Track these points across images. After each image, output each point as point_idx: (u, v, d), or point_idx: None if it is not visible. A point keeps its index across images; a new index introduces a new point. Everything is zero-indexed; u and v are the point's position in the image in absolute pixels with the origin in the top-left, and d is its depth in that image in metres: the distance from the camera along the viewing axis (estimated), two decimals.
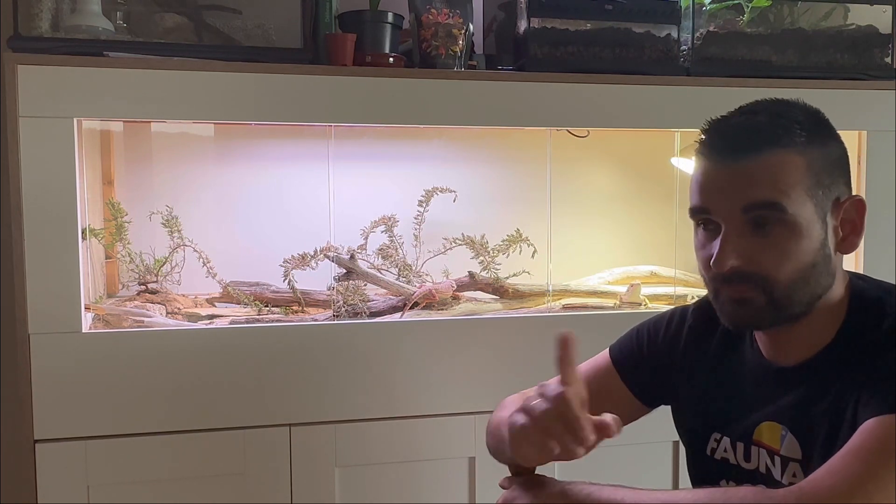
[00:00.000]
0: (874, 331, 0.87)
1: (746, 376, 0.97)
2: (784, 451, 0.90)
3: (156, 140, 1.73)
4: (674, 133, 1.66)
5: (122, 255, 1.57)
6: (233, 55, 1.40)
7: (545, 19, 1.51)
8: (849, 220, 0.91)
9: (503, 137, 1.81)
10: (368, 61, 1.47)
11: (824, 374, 0.89)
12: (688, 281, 1.76)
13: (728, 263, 0.86)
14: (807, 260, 0.86)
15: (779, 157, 0.86)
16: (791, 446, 0.90)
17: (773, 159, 0.86)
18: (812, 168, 0.87)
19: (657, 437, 1.56)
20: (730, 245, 0.87)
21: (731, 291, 0.88)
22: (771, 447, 0.92)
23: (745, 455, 0.95)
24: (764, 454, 0.93)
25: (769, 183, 0.85)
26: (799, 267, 0.86)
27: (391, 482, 1.48)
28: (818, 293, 0.89)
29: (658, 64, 1.55)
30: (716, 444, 0.99)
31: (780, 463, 0.91)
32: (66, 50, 1.32)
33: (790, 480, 0.89)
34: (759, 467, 0.94)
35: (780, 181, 0.85)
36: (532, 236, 1.65)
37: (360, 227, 1.63)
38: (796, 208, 0.85)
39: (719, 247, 0.87)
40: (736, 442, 0.96)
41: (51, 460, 1.34)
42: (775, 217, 0.85)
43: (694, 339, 1.05)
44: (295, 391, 1.42)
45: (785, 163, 0.86)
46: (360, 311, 1.56)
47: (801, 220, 0.86)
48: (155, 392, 1.37)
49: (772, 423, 0.92)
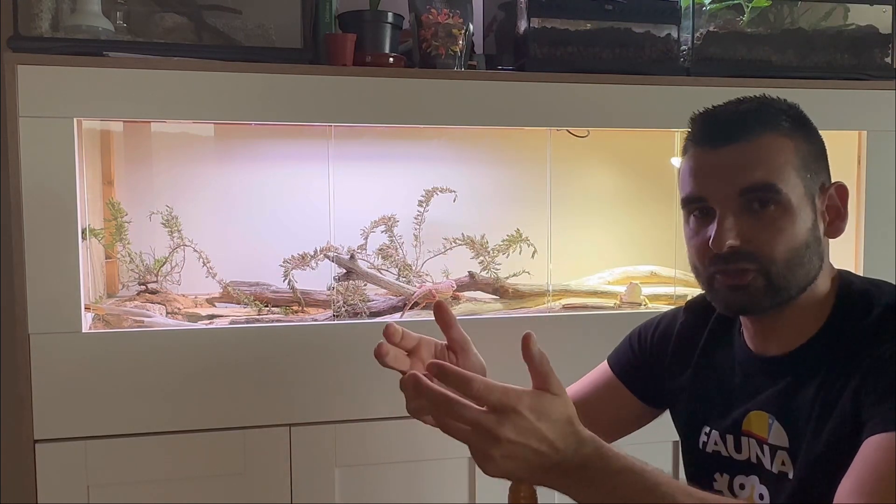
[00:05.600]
0: (862, 320, 0.88)
1: (735, 369, 0.99)
2: (771, 440, 0.91)
3: (156, 140, 1.72)
4: (674, 133, 1.66)
5: (122, 255, 1.57)
6: (233, 55, 1.40)
7: (545, 19, 1.51)
8: (833, 205, 0.93)
9: (503, 137, 1.81)
10: (368, 61, 1.47)
11: (811, 363, 0.90)
12: (688, 281, 1.76)
13: (726, 243, 0.88)
14: (801, 239, 0.88)
15: (770, 138, 0.89)
16: (778, 434, 0.90)
17: (765, 141, 0.89)
18: (800, 151, 0.90)
19: (657, 437, 1.56)
20: (727, 225, 0.88)
21: (728, 275, 0.89)
22: (759, 436, 0.93)
23: (736, 446, 0.96)
24: (754, 444, 0.94)
25: (764, 164, 0.88)
26: (794, 246, 0.88)
27: (391, 482, 1.48)
28: (811, 275, 0.90)
29: (658, 64, 1.55)
30: (706, 438, 0.99)
31: (769, 451, 0.91)
32: (66, 50, 1.32)
33: (779, 469, 0.90)
34: (751, 457, 0.94)
35: (774, 162, 0.88)
36: (532, 236, 1.65)
37: (360, 227, 1.63)
38: (789, 189, 0.88)
39: (716, 228, 0.89)
40: (726, 434, 0.97)
41: (51, 460, 1.34)
42: (770, 198, 0.87)
43: (686, 336, 1.06)
44: (295, 391, 1.42)
45: (776, 144, 0.89)
46: (360, 311, 1.56)
47: (794, 200, 0.88)
48: (155, 392, 1.37)
49: (759, 412, 0.93)
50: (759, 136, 0.89)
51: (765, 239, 0.88)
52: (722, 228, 0.88)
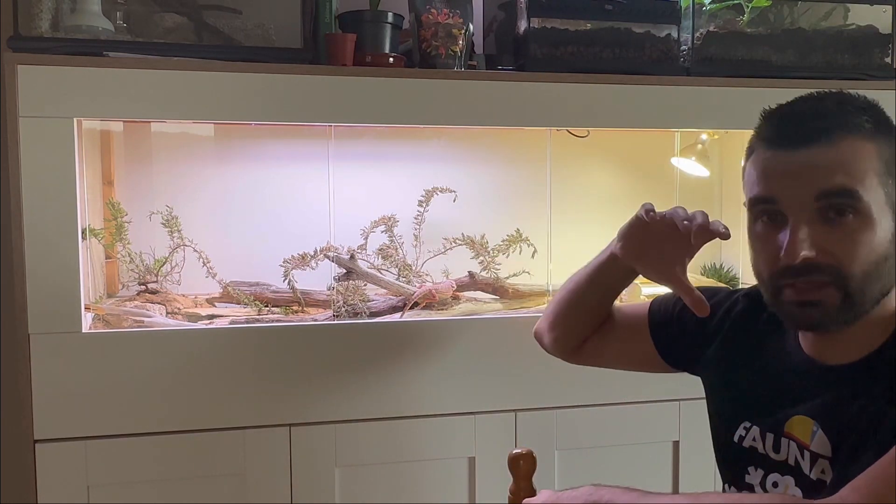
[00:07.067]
0: None
1: (786, 370, 0.95)
2: (814, 447, 0.88)
3: (156, 140, 1.73)
4: (674, 133, 1.66)
5: (122, 255, 1.57)
6: (233, 55, 1.40)
7: (545, 19, 1.51)
8: None
9: (503, 137, 1.81)
10: (368, 61, 1.47)
11: (867, 377, 0.86)
12: None
13: (801, 254, 0.81)
14: (880, 252, 0.83)
15: (850, 142, 0.83)
16: (821, 443, 0.87)
17: (845, 144, 0.82)
18: (882, 156, 0.84)
19: (657, 437, 1.57)
20: (801, 234, 0.82)
21: (799, 289, 0.84)
22: (801, 441, 0.90)
23: (775, 446, 0.93)
24: (794, 447, 0.91)
25: (843, 169, 0.81)
26: (873, 259, 0.82)
27: (391, 482, 1.48)
28: (886, 289, 0.85)
29: (658, 64, 1.55)
30: (744, 433, 0.97)
31: (810, 458, 0.89)
32: (66, 50, 1.32)
33: (818, 476, 0.87)
34: (789, 459, 0.91)
35: (855, 167, 0.82)
36: (532, 236, 1.65)
37: (360, 227, 1.63)
38: (870, 196, 0.82)
39: (789, 237, 0.83)
40: (766, 432, 0.94)
41: (51, 460, 1.34)
42: (849, 205, 0.81)
43: (739, 325, 1.03)
44: (295, 391, 1.42)
45: (857, 148, 0.82)
46: (360, 311, 1.56)
47: (874, 209, 0.82)
48: (155, 392, 1.37)
49: (804, 418, 0.90)
50: (839, 138, 0.82)
51: (842, 251, 0.81)
52: (796, 238, 0.82)
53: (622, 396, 1.53)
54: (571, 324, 1.16)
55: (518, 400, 1.50)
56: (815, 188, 0.82)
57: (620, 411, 1.53)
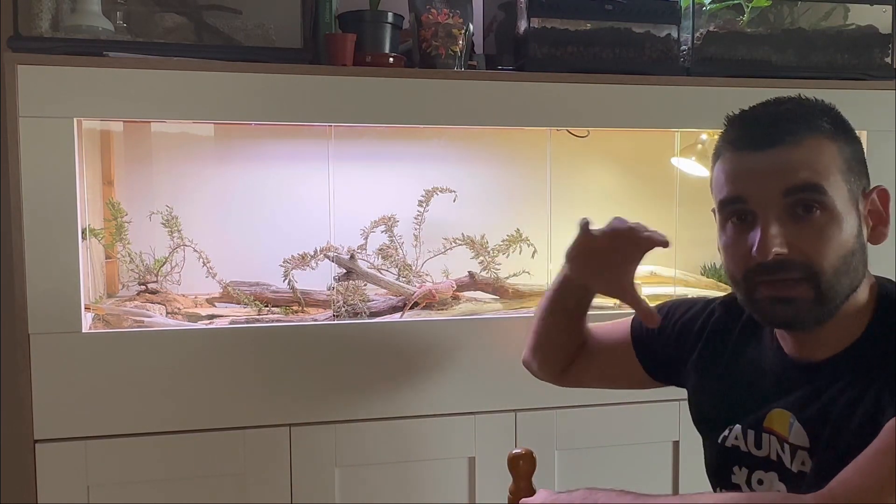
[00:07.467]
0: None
1: (766, 370, 0.96)
2: (792, 439, 0.90)
3: (156, 140, 1.73)
4: (674, 133, 1.66)
5: (122, 255, 1.57)
6: (233, 55, 1.40)
7: (545, 19, 1.51)
8: (875, 210, 0.91)
9: (503, 137, 1.81)
10: (368, 61, 1.47)
11: (844, 370, 0.87)
12: (687, 281, 1.76)
13: (772, 251, 0.84)
14: (847, 247, 0.85)
15: (814, 141, 0.86)
16: (798, 434, 0.89)
17: (809, 143, 0.86)
18: (843, 154, 0.87)
19: (657, 437, 1.57)
20: (773, 231, 0.84)
21: (772, 286, 0.86)
22: (780, 434, 0.91)
23: (756, 442, 0.94)
24: (774, 441, 0.92)
25: (809, 166, 0.85)
26: (841, 254, 0.85)
27: (391, 482, 1.48)
28: (855, 284, 0.87)
29: (658, 64, 1.55)
30: (727, 433, 0.98)
31: (790, 450, 0.90)
32: (66, 50, 1.32)
33: (799, 468, 0.89)
34: (770, 454, 0.93)
35: (819, 164, 0.85)
36: (532, 236, 1.65)
37: (360, 227, 1.63)
38: (834, 192, 0.85)
39: (760, 235, 0.85)
40: (747, 429, 0.95)
41: (51, 460, 1.34)
42: (816, 200, 0.84)
43: (718, 331, 1.04)
44: (295, 391, 1.42)
45: (821, 147, 0.86)
46: (360, 311, 1.56)
47: (839, 205, 0.85)
48: (155, 392, 1.37)
49: (781, 411, 0.92)
50: (803, 137, 0.85)
51: (812, 247, 0.84)
52: (767, 235, 0.84)
53: (622, 396, 1.52)
54: (549, 350, 1.19)
55: (518, 400, 1.50)
56: (782, 184, 0.85)
57: (620, 411, 1.53)
